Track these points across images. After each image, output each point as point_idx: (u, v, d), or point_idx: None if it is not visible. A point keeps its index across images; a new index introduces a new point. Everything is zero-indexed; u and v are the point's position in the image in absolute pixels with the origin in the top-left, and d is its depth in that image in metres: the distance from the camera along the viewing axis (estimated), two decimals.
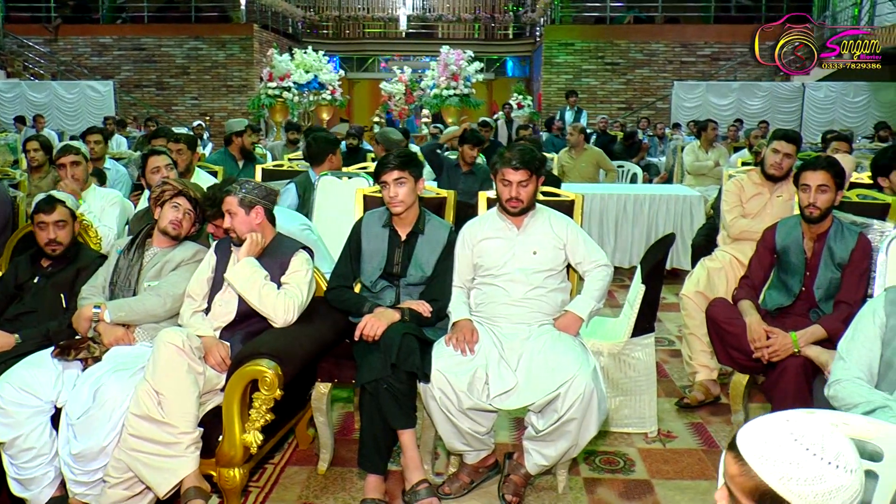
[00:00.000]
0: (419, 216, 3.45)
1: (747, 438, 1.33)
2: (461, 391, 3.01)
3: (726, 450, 1.37)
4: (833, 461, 1.26)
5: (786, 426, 1.31)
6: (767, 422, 1.34)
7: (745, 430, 1.35)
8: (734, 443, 1.35)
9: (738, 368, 3.61)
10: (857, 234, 3.48)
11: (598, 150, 8.47)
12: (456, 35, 22.29)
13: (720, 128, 12.26)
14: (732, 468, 1.34)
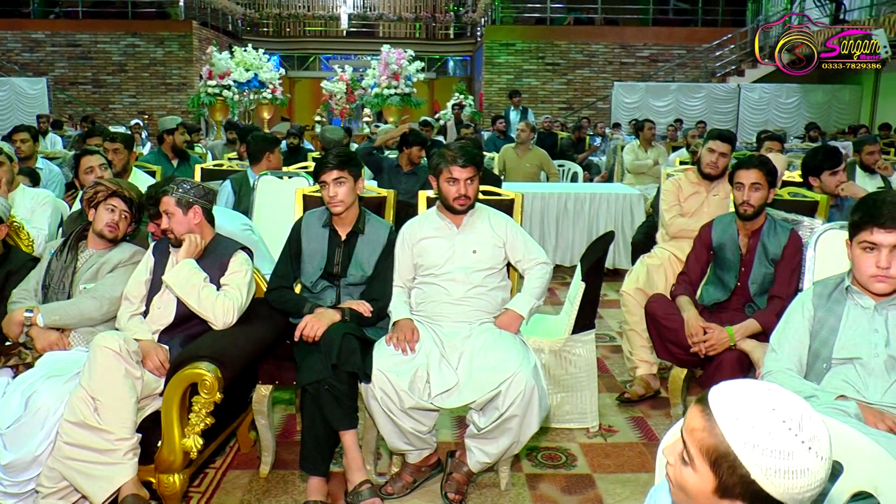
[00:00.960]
0: (359, 216, 3.44)
1: (722, 396, 1.28)
2: (402, 391, 3.01)
3: (694, 402, 1.32)
4: (807, 441, 1.21)
5: (767, 394, 1.25)
6: (748, 385, 1.29)
7: (722, 387, 1.29)
8: (705, 397, 1.29)
9: (677, 362, 3.69)
10: (789, 230, 3.58)
11: (543, 151, 8.51)
12: (397, 34, 22.28)
13: (660, 128, 12.51)
14: (697, 422, 1.28)
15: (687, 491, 1.31)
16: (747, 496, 1.24)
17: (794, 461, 1.20)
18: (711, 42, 18.28)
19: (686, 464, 1.30)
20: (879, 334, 2.40)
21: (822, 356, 2.47)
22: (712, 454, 1.25)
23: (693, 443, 1.28)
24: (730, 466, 1.23)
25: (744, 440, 1.21)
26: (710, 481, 1.26)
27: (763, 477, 1.21)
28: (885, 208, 2.30)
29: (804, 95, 16.97)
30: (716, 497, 1.27)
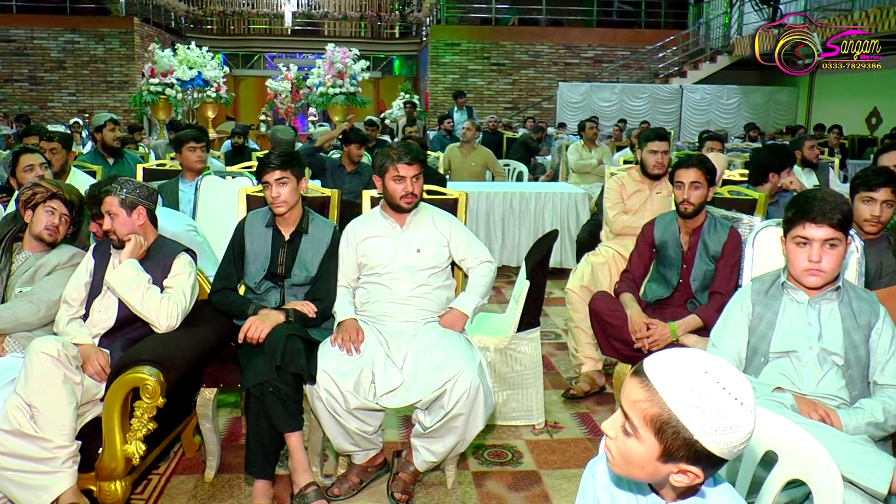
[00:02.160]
0: (303, 216, 3.42)
1: (657, 365, 1.32)
2: (347, 391, 3.00)
3: (630, 375, 1.36)
4: (739, 398, 1.27)
5: (698, 359, 1.31)
6: (678, 353, 1.33)
7: (655, 357, 1.34)
8: (640, 369, 1.34)
9: (621, 358, 3.75)
10: (729, 227, 3.68)
11: (488, 150, 8.54)
12: (342, 33, 22.16)
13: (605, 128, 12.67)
14: (637, 393, 1.32)
15: (631, 461, 1.35)
16: (690, 457, 1.29)
17: (730, 417, 1.26)
18: (655, 44, 18.61)
19: (629, 434, 1.34)
20: (813, 328, 2.48)
21: (761, 350, 2.54)
22: (657, 422, 1.29)
23: (636, 414, 1.32)
24: (674, 431, 1.28)
25: (686, 404, 1.26)
26: (655, 448, 1.31)
27: (705, 436, 1.26)
28: (816, 204, 2.39)
29: (744, 97, 17.39)
30: (659, 462, 1.32)
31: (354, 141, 6.44)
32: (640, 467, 1.34)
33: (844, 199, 2.49)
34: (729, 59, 17.64)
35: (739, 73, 18.31)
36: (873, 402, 2.36)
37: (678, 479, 1.33)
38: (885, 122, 15.16)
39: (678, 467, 1.31)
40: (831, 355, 2.45)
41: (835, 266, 2.42)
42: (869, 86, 15.65)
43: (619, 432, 1.36)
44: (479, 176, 8.33)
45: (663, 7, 20.16)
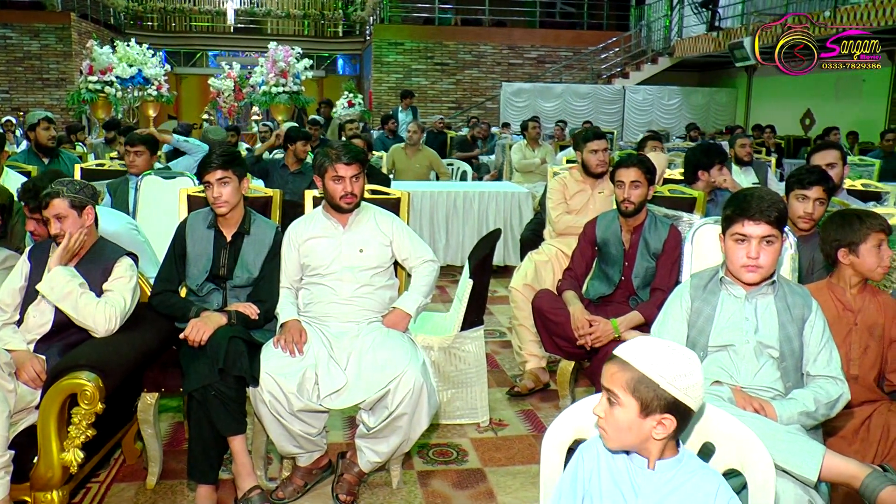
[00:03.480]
0: (244, 216, 3.38)
1: (624, 347, 1.66)
2: (291, 393, 2.97)
3: (606, 363, 1.67)
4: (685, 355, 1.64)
5: (654, 338, 1.69)
6: (638, 338, 1.70)
7: (624, 344, 1.67)
8: (613, 356, 1.66)
9: (564, 355, 3.80)
10: (669, 225, 3.75)
11: (432, 151, 8.54)
12: (285, 31, 21.94)
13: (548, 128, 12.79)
14: (612, 369, 1.64)
15: (620, 427, 1.64)
16: (662, 406, 1.60)
17: (682, 367, 1.61)
18: (597, 45, 18.83)
19: (613, 404, 1.64)
20: (750, 322, 2.53)
21: (700, 345, 2.59)
22: (631, 383, 1.61)
23: (615, 384, 1.63)
24: (645, 387, 1.60)
25: (649, 363, 1.61)
26: (635, 407, 1.61)
27: (668, 384, 1.59)
28: (754, 202, 2.45)
29: (685, 97, 17.72)
30: (641, 418, 1.62)
31: (299, 139, 6.38)
32: (628, 429, 1.63)
33: (780, 198, 2.55)
34: (670, 61, 17.98)
35: (680, 74, 18.68)
36: (805, 393, 2.43)
37: (658, 432, 1.62)
38: (817, 122, 15.62)
39: (656, 419, 1.61)
40: (767, 348, 2.51)
41: (772, 262, 2.48)
42: (803, 88, 16.11)
43: (606, 409, 1.65)
44: (423, 177, 8.33)
45: (605, 9, 20.43)
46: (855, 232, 2.73)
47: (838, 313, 2.75)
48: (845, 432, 2.70)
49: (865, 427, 2.70)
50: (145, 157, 4.84)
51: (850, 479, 2.13)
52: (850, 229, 2.75)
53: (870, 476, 2.09)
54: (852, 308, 2.77)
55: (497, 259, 7.11)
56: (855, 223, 2.75)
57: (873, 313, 2.75)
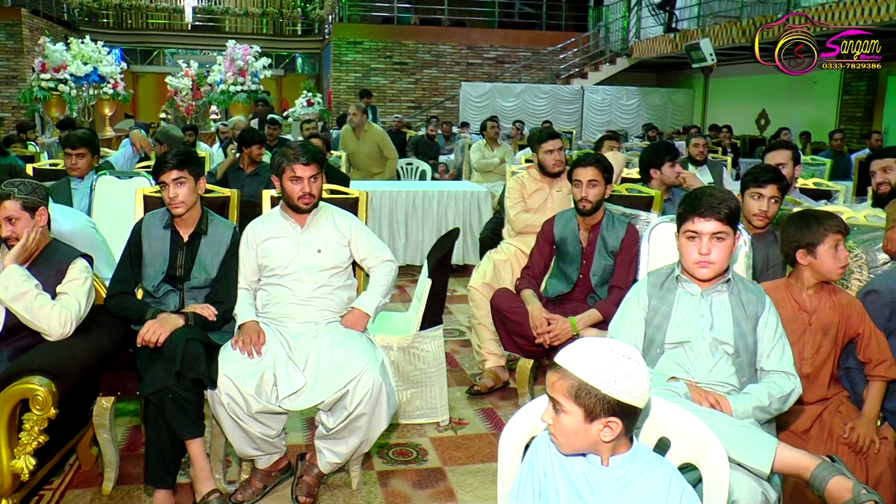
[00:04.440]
0: (201, 216, 3.35)
1: (563, 354, 1.65)
2: (249, 395, 2.95)
3: (549, 371, 1.66)
4: (625, 355, 1.61)
5: (592, 340, 1.67)
6: (578, 341, 1.68)
7: (564, 352, 1.65)
8: (553, 364, 1.65)
9: (523, 354, 3.82)
10: (626, 224, 3.79)
11: (380, 130, 8.56)
12: (244, 30, 21.75)
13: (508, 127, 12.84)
14: (553, 378, 1.64)
15: (568, 433, 1.65)
16: (606, 410, 1.60)
17: (623, 370, 1.60)
18: (556, 45, 18.95)
19: (559, 412, 1.64)
20: (705, 319, 2.57)
21: (657, 342, 2.62)
22: (572, 391, 1.60)
23: (557, 393, 1.63)
24: (586, 393, 1.59)
25: (588, 369, 1.59)
26: (580, 413, 1.61)
27: (609, 388, 1.58)
28: (705, 200, 2.49)
29: (643, 98, 17.93)
30: (587, 424, 1.62)
31: (253, 142, 6.32)
32: (576, 434, 1.64)
33: (731, 195, 2.59)
34: (628, 62, 18.15)
35: (638, 75, 18.88)
36: (759, 388, 2.47)
37: (605, 435, 1.63)
38: (772, 123, 15.92)
39: (602, 423, 1.61)
40: (722, 344, 2.55)
41: (723, 258, 2.52)
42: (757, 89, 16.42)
43: (553, 416, 1.65)
44: (375, 157, 8.39)
45: (564, 10, 20.56)
46: (813, 233, 2.77)
47: (794, 313, 2.80)
48: (797, 427, 2.76)
49: (817, 423, 2.76)
50: (87, 158, 4.73)
51: (800, 470, 2.18)
52: (808, 231, 2.78)
53: (819, 467, 2.14)
54: (807, 308, 2.81)
55: (456, 258, 7.12)
56: (813, 224, 2.78)
57: (828, 313, 2.80)
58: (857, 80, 13.96)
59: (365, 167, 8.49)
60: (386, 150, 8.48)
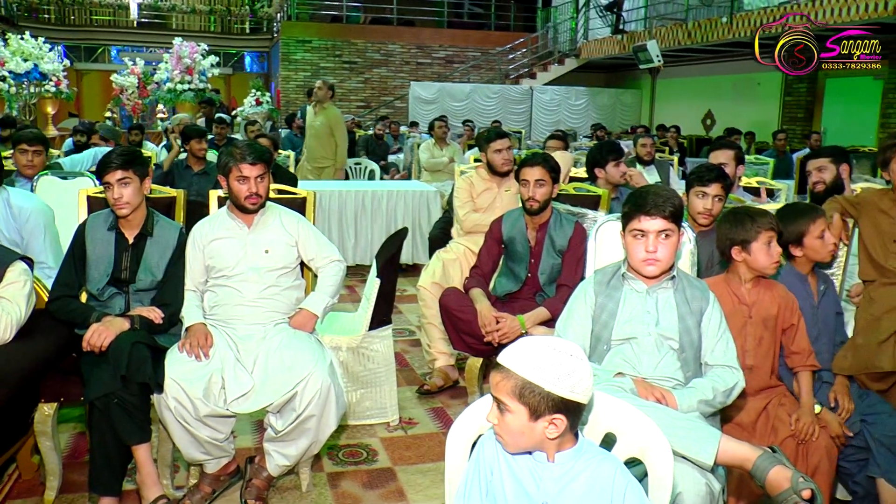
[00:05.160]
0: (147, 217, 3.29)
1: (505, 353, 1.66)
2: (197, 398, 2.91)
3: (492, 371, 1.68)
4: (567, 352, 1.63)
5: (533, 339, 1.68)
6: (520, 340, 1.69)
7: (507, 352, 1.66)
8: (496, 364, 1.67)
9: (472, 353, 3.84)
10: (574, 222, 3.83)
11: (336, 113, 8.54)
12: (191, 27, 21.48)
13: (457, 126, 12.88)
14: (497, 378, 1.65)
15: (514, 432, 1.66)
16: (550, 407, 1.62)
17: (565, 367, 1.62)
18: (505, 45, 19.06)
19: (503, 412, 1.65)
20: (651, 315, 2.60)
21: (603, 338, 2.65)
22: (516, 390, 1.62)
23: (501, 393, 1.64)
24: (530, 392, 1.61)
25: (530, 368, 1.61)
26: (524, 412, 1.63)
27: (552, 385, 1.60)
28: (650, 198, 2.52)
29: (591, 98, 18.13)
30: (532, 422, 1.64)
31: (192, 136, 6.24)
32: (521, 433, 1.65)
33: (675, 193, 2.63)
34: (577, 62, 18.34)
35: (587, 75, 19.08)
36: (704, 382, 2.51)
37: (550, 432, 1.64)
38: (718, 123, 16.22)
39: (547, 420, 1.63)
40: (667, 340, 2.58)
41: (669, 255, 2.56)
42: (703, 90, 16.73)
43: (498, 416, 1.67)
44: (323, 138, 8.39)
45: (513, 10, 20.70)
46: (747, 230, 2.85)
47: (734, 307, 2.86)
48: (741, 419, 2.82)
49: (761, 415, 2.82)
50: (42, 157, 4.65)
51: (743, 461, 2.22)
52: (741, 228, 2.86)
53: (760, 457, 2.18)
54: (747, 302, 2.88)
55: (406, 257, 7.14)
56: (746, 222, 2.86)
57: (767, 306, 2.87)
58: (798, 83, 14.30)
59: (311, 149, 8.50)
60: (337, 133, 8.41)
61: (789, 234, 3.01)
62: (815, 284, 3.11)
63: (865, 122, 12.84)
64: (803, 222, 3.01)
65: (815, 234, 3.00)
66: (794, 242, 3.04)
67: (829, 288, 3.16)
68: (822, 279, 3.14)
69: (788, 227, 3.00)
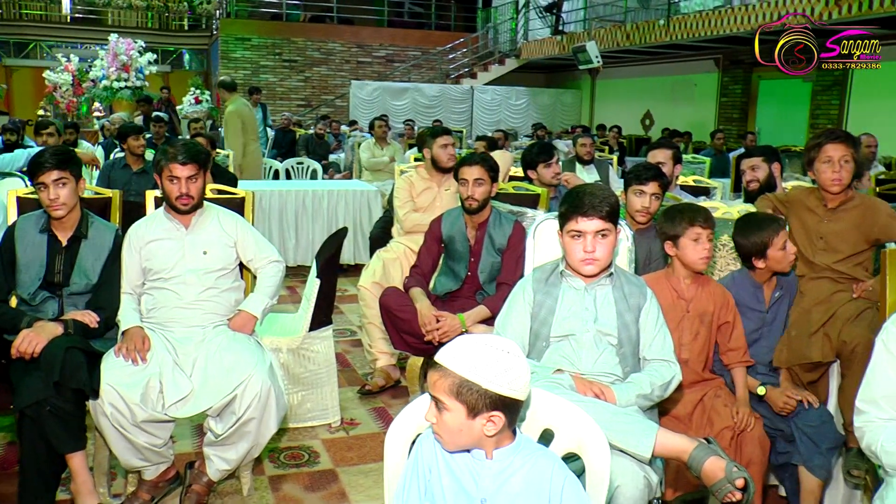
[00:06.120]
0: (81, 219, 3.21)
1: (442, 352, 1.67)
2: (134, 404, 2.85)
3: (430, 370, 1.68)
4: (504, 349, 1.64)
5: (470, 337, 1.69)
6: (456, 339, 1.70)
7: (444, 350, 1.67)
8: (434, 363, 1.67)
9: (413, 352, 3.85)
10: (513, 221, 3.87)
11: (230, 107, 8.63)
12: (127, 23, 20.97)
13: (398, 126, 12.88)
14: (434, 377, 1.66)
15: (452, 430, 1.67)
16: (488, 405, 1.63)
17: (502, 364, 1.62)
18: (445, 45, 19.10)
19: (441, 410, 1.66)
20: (589, 312, 2.63)
21: (542, 335, 2.67)
22: (453, 388, 1.62)
23: (439, 391, 1.65)
24: (468, 389, 1.61)
25: (467, 366, 1.62)
26: (462, 410, 1.63)
27: (489, 383, 1.61)
28: (586, 199, 2.54)
29: (532, 98, 18.30)
30: (470, 420, 1.64)
31: (129, 134, 6.11)
32: (459, 431, 1.66)
33: (611, 193, 2.66)
34: (517, 63, 18.48)
35: (527, 75, 19.25)
36: (642, 376, 2.56)
37: (489, 429, 1.65)
38: (656, 123, 16.51)
39: (485, 418, 1.64)
40: (606, 336, 2.61)
41: (607, 254, 2.59)
42: (642, 91, 17.02)
43: (436, 415, 1.67)
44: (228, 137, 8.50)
45: (453, 10, 20.76)
46: (675, 226, 2.94)
47: (672, 301, 2.93)
48: (678, 412, 2.89)
49: (697, 407, 2.90)
50: None
51: (679, 453, 2.26)
52: (671, 224, 2.97)
53: (696, 449, 2.23)
54: (685, 297, 2.95)
55: (347, 257, 7.13)
56: (676, 218, 2.96)
57: (704, 302, 2.95)
58: (734, 84, 14.65)
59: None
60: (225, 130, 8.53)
61: (752, 247, 3.08)
62: (769, 291, 3.18)
63: (796, 122, 13.22)
64: (766, 234, 3.06)
65: (779, 245, 3.06)
66: (758, 255, 3.09)
67: (786, 296, 3.25)
68: (780, 286, 3.21)
69: (751, 238, 3.08)
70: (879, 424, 2.15)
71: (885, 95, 11.44)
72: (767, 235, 3.05)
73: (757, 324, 3.14)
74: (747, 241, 3.09)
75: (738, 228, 3.16)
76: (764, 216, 3.21)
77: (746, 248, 3.11)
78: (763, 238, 3.06)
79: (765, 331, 3.17)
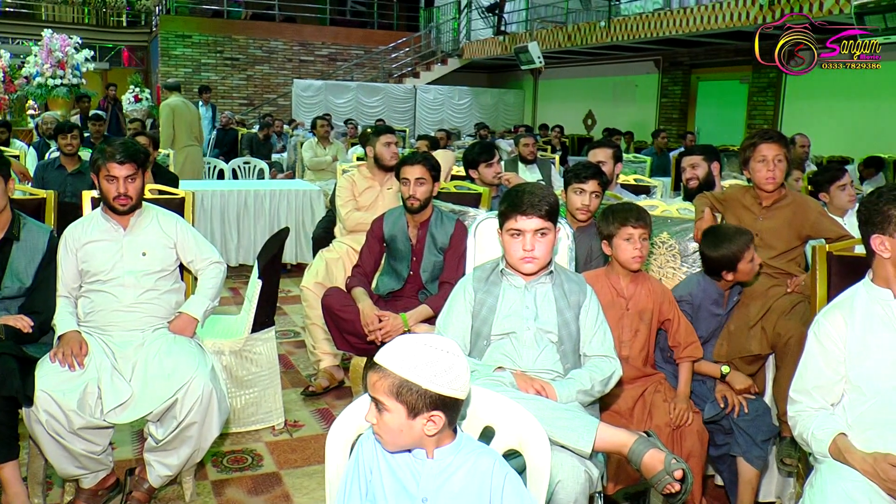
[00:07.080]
0: (12, 221, 3.13)
1: (382, 353, 1.66)
2: (71, 410, 2.79)
3: (369, 371, 1.67)
4: (444, 349, 1.64)
5: (409, 337, 1.68)
6: (395, 340, 1.69)
7: (383, 351, 1.66)
8: (373, 363, 1.66)
9: (356, 352, 3.84)
10: (455, 220, 3.89)
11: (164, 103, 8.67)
12: (63, 18, 20.49)
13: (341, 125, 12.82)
14: (374, 378, 1.65)
15: (393, 431, 1.67)
16: (428, 405, 1.63)
17: (441, 364, 1.63)
18: (388, 44, 19.09)
19: (382, 411, 1.65)
20: (530, 310, 2.65)
21: (483, 334, 2.68)
22: (393, 389, 1.62)
23: (378, 392, 1.64)
24: (407, 390, 1.61)
25: (407, 366, 1.61)
26: (402, 411, 1.63)
27: (429, 383, 1.61)
28: (525, 198, 2.56)
29: (475, 98, 18.40)
30: (411, 420, 1.64)
31: (59, 133, 5.97)
32: (400, 431, 1.66)
33: (550, 191, 2.69)
34: (459, 62, 18.55)
35: (470, 75, 19.34)
36: (582, 372, 2.58)
37: (429, 429, 1.65)
38: (598, 123, 16.74)
39: (426, 417, 1.63)
40: (546, 333, 2.63)
41: (547, 252, 2.61)
42: (584, 91, 17.25)
43: (376, 416, 1.67)
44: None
45: (395, 9, 20.74)
46: (609, 226, 3.01)
47: (612, 299, 2.98)
48: (618, 407, 2.93)
49: (638, 402, 2.95)
50: None
51: (619, 446, 2.30)
52: (605, 224, 3.03)
53: (636, 442, 2.27)
54: (625, 295, 3.00)
55: (290, 257, 7.10)
56: (609, 218, 3.02)
57: (644, 299, 3.00)
58: (673, 85, 14.94)
59: None
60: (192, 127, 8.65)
61: (723, 259, 3.14)
62: (728, 295, 3.26)
63: (734, 122, 13.55)
64: (737, 247, 3.11)
65: (748, 258, 3.13)
66: (728, 268, 3.15)
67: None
68: (736, 290, 3.29)
69: (721, 252, 3.13)
70: (811, 413, 2.27)
71: (818, 97, 11.80)
72: (738, 249, 3.11)
73: (716, 325, 3.23)
74: (717, 254, 3.14)
75: (708, 242, 3.20)
76: (734, 229, 3.25)
77: (716, 260, 3.16)
78: (734, 251, 3.11)
79: (717, 331, 3.26)
